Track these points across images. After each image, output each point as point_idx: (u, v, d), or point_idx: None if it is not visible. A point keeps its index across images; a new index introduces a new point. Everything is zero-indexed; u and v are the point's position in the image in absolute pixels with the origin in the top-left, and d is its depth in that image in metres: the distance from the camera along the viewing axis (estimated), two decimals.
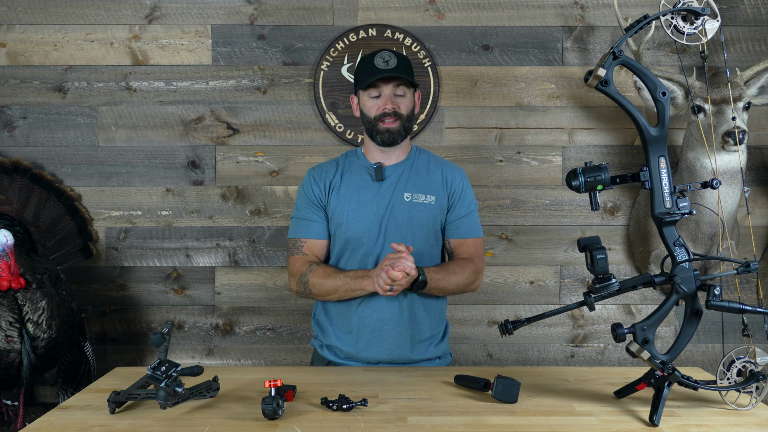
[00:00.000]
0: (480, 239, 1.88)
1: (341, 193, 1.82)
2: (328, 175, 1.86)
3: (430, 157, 1.91)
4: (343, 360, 1.82)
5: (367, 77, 1.77)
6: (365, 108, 1.81)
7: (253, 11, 2.60)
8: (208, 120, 2.63)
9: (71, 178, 2.62)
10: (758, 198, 2.63)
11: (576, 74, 2.62)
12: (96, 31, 2.60)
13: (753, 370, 1.33)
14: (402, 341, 1.78)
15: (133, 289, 2.66)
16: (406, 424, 1.25)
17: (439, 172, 1.87)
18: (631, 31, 1.30)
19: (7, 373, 2.07)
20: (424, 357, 1.82)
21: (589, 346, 2.68)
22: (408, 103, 1.81)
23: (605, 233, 2.65)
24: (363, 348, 1.78)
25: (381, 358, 1.79)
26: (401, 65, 1.77)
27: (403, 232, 1.78)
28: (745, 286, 2.60)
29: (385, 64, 1.75)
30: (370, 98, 1.80)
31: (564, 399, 1.41)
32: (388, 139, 1.79)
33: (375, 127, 1.79)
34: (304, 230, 1.84)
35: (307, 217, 1.84)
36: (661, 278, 1.31)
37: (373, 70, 1.76)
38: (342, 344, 1.81)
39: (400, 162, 1.85)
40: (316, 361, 1.91)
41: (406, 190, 1.81)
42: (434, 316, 1.85)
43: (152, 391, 1.34)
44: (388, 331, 1.77)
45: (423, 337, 1.82)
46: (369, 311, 1.77)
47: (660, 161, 1.27)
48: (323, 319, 1.87)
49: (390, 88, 1.78)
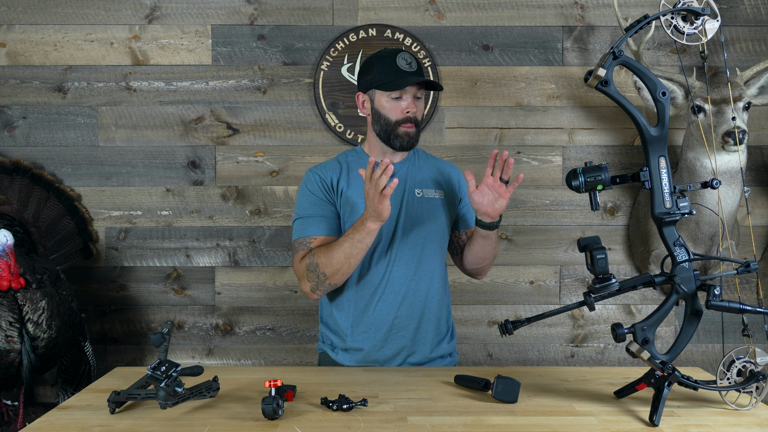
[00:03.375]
0: None
1: (352, 191, 1.77)
2: (333, 174, 1.81)
3: (426, 154, 1.92)
4: (358, 363, 1.78)
5: (393, 78, 1.71)
6: (383, 109, 1.75)
7: (253, 11, 2.61)
8: (208, 120, 2.63)
9: (71, 178, 2.62)
10: (758, 198, 2.63)
11: (576, 74, 2.62)
12: (96, 31, 2.60)
13: (753, 370, 1.33)
14: (420, 336, 1.77)
15: (133, 289, 2.66)
16: (406, 424, 1.25)
17: (440, 168, 1.88)
18: (631, 31, 1.30)
19: (7, 373, 2.07)
20: (438, 354, 1.82)
21: (589, 346, 2.68)
22: (422, 107, 1.81)
23: (605, 233, 2.65)
24: (382, 346, 1.76)
25: (399, 355, 1.77)
26: (420, 68, 1.75)
27: (418, 227, 1.77)
28: (745, 286, 2.60)
29: (408, 66, 1.72)
30: (392, 99, 1.74)
31: (564, 399, 1.41)
32: (407, 143, 1.75)
33: (394, 131, 1.74)
34: (314, 227, 1.75)
35: (315, 213, 1.76)
36: (661, 278, 1.31)
37: (399, 72, 1.71)
38: (360, 344, 1.76)
39: (403, 159, 1.84)
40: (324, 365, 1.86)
41: (416, 186, 1.81)
42: (445, 313, 1.85)
43: (152, 391, 1.34)
44: (405, 328, 1.76)
45: (439, 332, 1.82)
46: (386, 308, 1.75)
47: (660, 161, 1.27)
48: (335, 322, 1.81)
49: (413, 91, 1.74)
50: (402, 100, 1.74)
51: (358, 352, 1.78)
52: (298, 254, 1.75)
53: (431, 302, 1.79)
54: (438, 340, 1.82)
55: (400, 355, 1.77)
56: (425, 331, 1.78)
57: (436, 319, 1.80)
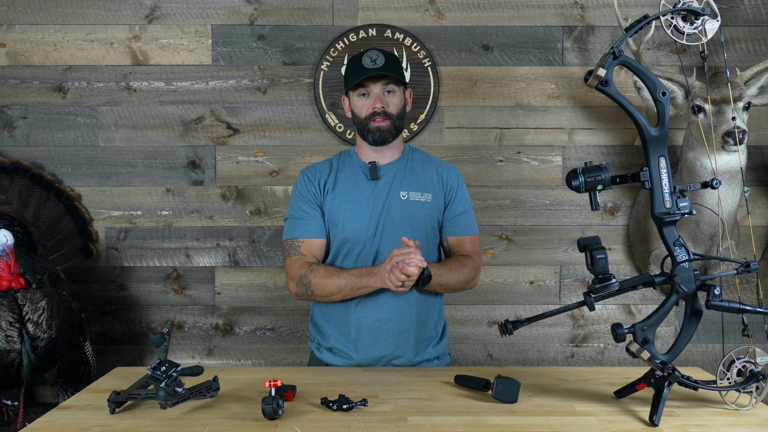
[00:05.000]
0: (477, 236, 1.89)
1: (337, 193, 1.81)
2: (322, 175, 1.85)
3: (424, 156, 1.91)
4: (342, 363, 1.80)
5: (355, 77, 1.77)
6: (355, 108, 1.82)
7: (253, 11, 2.61)
8: (208, 120, 2.63)
9: (71, 178, 2.62)
10: (758, 198, 2.63)
11: (576, 74, 2.62)
12: (96, 31, 2.60)
13: (753, 370, 1.33)
14: (402, 341, 1.77)
15: (133, 289, 2.66)
16: (406, 424, 1.25)
17: (434, 170, 1.87)
18: (631, 31, 1.30)
19: (7, 373, 2.07)
20: (423, 358, 1.82)
21: (589, 346, 2.68)
22: (398, 101, 1.81)
23: (605, 233, 2.65)
24: (363, 350, 1.77)
25: (381, 359, 1.77)
26: (389, 63, 1.77)
27: (400, 231, 1.77)
28: (745, 286, 2.60)
29: (372, 63, 1.76)
30: (359, 98, 1.80)
31: (564, 399, 1.41)
32: (379, 138, 1.79)
33: (366, 127, 1.79)
34: (301, 230, 1.81)
35: (303, 216, 1.81)
36: (661, 278, 1.31)
37: (361, 69, 1.76)
38: (342, 346, 1.79)
39: (394, 161, 1.85)
40: (313, 365, 1.89)
41: (402, 189, 1.81)
42: (433, 316, 1.84)
43: (152, 391, 1.34)
44: (387, 332, 1.76)
45: (423, 337, 1.81)
46: (367, 311, 1.76)
47: (660, 161, 1.28)
48: (322, 321, 1.86)
49: (378, 87, 1.78)
50: (368, 97, 1.79)
51: (341, 353, 1.80)
52: (293, 258, 1.80)
53: (410, 307, 1.78)
54: (425, 344, 1.82)
55: (384, 358, 1.78)
56: (408, 335, 1.78)
57: (418, 323, 1.79)
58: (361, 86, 1.78)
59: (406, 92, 1.86)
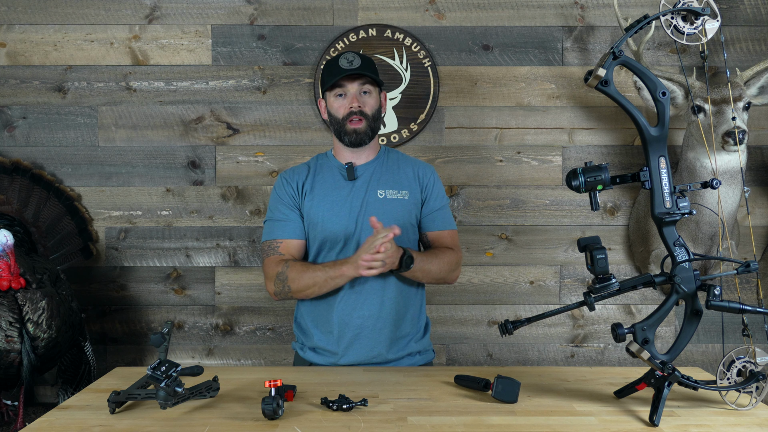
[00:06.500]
0: (455, 231, 1.91)
1: (315, 194, 1.84)
2: (300, 177, 1.87)
3: (400, 155, 1.94)
4: (326, 362, 1.81)
5: (331, 77, 1.79)
6: (332, 109, 1.83)
7: (253, 11, 2.61)
8: (208, 120, 2.63)
9: (71, 178, 2.62)
10: (758, 198, 2.63)
11: (576, 74, 2.62)
12: (96, 31, 2.60)
13: (753, 370, 1.33)
14: (381, 338, 1.79)
15: (133, 289, 2.66)
16: (406, 424, 1.25)
17: (410, 168, 1.90)
18: (631, 31, 1.30)
19: (7, 373, 2.07)
20: (404, 353, 1.83)
21: (589, 346, 2.68)
22: (374, 102, 1.83)
23: (605, 233, 2.65)
24: (346, 347, 1.78)
25: (361, 358, 1.79)
26: (365, 65, 1.80)
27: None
28: (745, 286, 2.60)
29: (349, 64, 1.78)
30: (336, 98, 1.82)
31: (564, 399, 1.41)
32: (355, 139, 1.81)
33: (343, 128, 1.81)
34: (280, 231, 1.83)
35: (281, 218, 1.84)
36: (661, 278, 1.31)
37: (338, 70, 1.78)
38: (325, 344, 1.81)
39: (370, 161, 1.87)
40: (298, 365, 1.90)
41: (379, 187, 1.83)
42: (414, 311, 1.86)
43: (152, 391, 1.34)
44: (369, 328, 1.78)
45: (403, 333, 1.83)
46: (348, 309, 1.78)
47: (660, 161, 1.28)
48: (305, 321, 1.87)
49: (355, 87, 1.80)
50: (345, 98, 1.81)
51: (325, 351, 1.82)
52: (270, 258, 1.82)
53: (397, 301, 1.80)
54: (406, 339, 1.84)
55: (368, 354, 1.79)
56: (389, 331, 1.79)
57: (402, 317, 1.82)
58: (338, 86, 1.80)
59: (381, 94, 1.88)
